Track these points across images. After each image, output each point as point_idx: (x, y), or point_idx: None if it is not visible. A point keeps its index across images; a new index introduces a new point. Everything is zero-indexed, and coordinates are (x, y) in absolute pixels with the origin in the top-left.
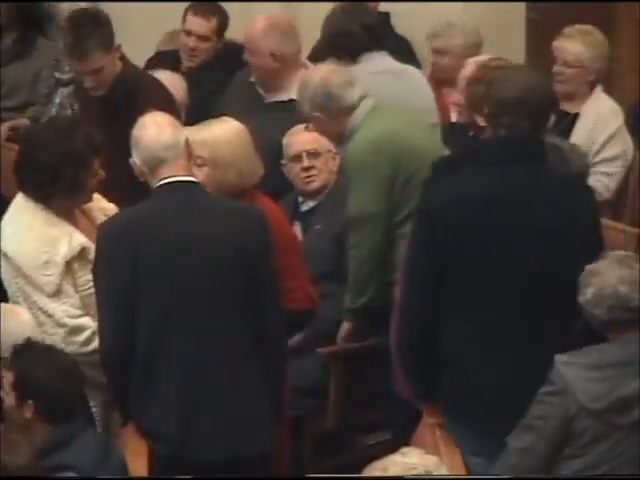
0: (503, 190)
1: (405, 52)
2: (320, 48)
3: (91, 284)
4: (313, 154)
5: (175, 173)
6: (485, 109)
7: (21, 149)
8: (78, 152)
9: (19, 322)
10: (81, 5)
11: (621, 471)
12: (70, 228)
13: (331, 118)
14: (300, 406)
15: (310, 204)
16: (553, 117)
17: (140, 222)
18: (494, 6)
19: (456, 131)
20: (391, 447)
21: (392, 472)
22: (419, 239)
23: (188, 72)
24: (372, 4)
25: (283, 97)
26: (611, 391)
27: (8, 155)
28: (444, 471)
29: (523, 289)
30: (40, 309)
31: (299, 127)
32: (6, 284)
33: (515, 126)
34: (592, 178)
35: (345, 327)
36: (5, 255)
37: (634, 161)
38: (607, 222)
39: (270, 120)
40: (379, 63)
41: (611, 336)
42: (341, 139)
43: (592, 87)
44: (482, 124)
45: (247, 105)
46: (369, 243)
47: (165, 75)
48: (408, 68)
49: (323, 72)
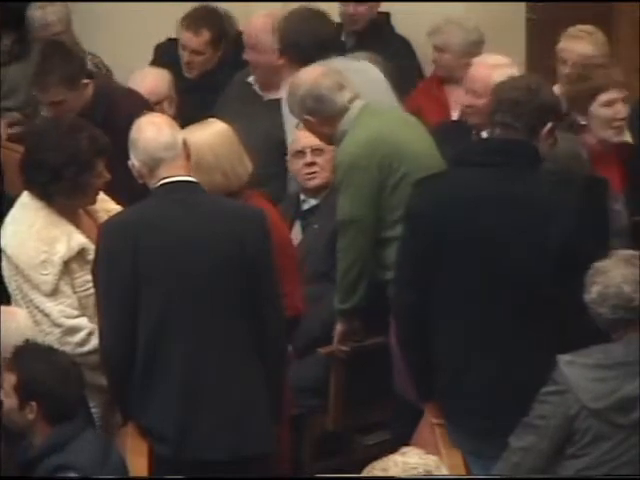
0: (488, 193)
1: (405, 52)
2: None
3: (89, 285)
4: (317, 150)
5: (174, 173)
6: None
7: (26, 148)
8: (81, 153)
9: (17, 323)
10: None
11: (622, 471)
12: (71, 228)
13: (321, 121)
14: (300, 406)
15: (312, 202)
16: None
17: (140, 222)
18: (494, 6)
19: (456, 130)
20: (391, 447)
21: (392, 472)
22: (407, 239)
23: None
24: (372, 4)
25: (280, 95)
26: (613, 391)
27: (11, 155)
28: (444, 471)
29: (507, 291)
30: (37, 308)
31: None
32: (6, 282)
33: (509, 126)
34: None
35: (338, 329)
36: (5, 253)
37: None
38: None
39: (269, 118)
40: (331, 64)
41: (615, 336)
42: (332, 141)
43: None
44: (583, 122)
45: (245, 104)
46: (355, 247)
47: (151, 71)
48: (364, 65)
49: (313, 75)
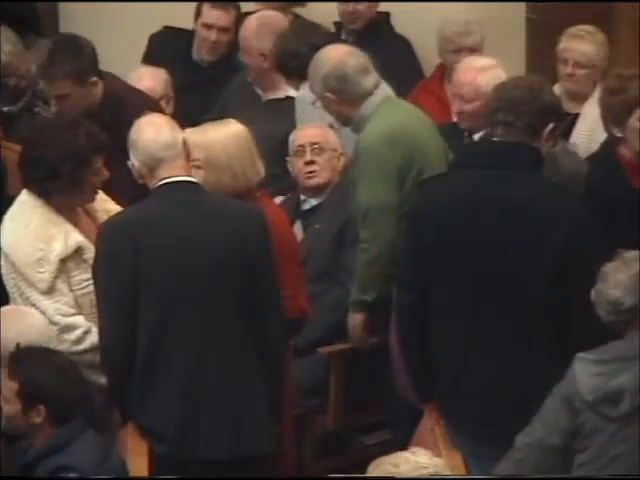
0: (487, 195)
1: (405, 52)
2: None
3: (86, 284)
4: (317, 149)
5: (174, 173)
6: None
7: (24, 145)
8: (79, 149)
9: (33, 322)
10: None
11: (615, 465)
12: (68, 227)
13: (342, 101)
14: (300, 406)
15: (312, 202)
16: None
17: (140, 222)
18: (494, 6)
19: (454, 132)
20: (391, 447)
21: (403, 469)
22: (408, 240)
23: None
24: (371, 4)
25: (280, 95)
26: (604, 384)
27: (10, 154)
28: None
29: (506, 292)
30: (33, 306)
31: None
32: (4, 280)
33: (510, 125)
34: None
35: (356, 321)
36: (2, 251)
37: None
38: None
39: (268, 118)
40: None
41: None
42: (348, 122)
43: (594, 87)
44: (619, 135)
45: (246, 104)
46: (383, 238)
47: (147, 70)
48: None
49: (339, 54)
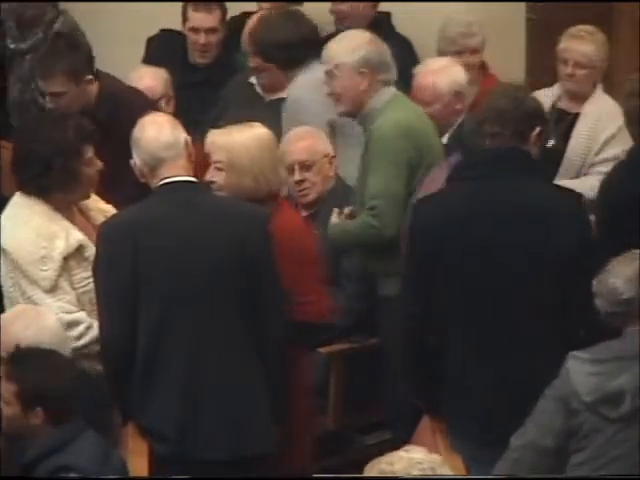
0: (486, 205)
1: (406, 52)
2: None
3: (87, 282)
4: (305, 166)
5: (175, 173)
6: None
7: (15, 144)
8: (69, 141)
9: (47, 323)
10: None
11: (615, 466)
12: (68, 224)
13: (372, 82)
14: None
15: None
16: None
17: (140, 221)
18: (494, 6)
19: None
20: (391, 447)
21: (398, 467)
22: (411, 255)
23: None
24: (370, 4)
25: (283, 95)
26: (603, 384)
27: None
28: (447, 470)
29: (505, 300)
30: (36, 304)
31: (294, 133)
32: (2, 280)
33: (497, 135)
34: (593, 178)
35: None
36: (3, 249)
37: None
38: None
39: (270, 119)
40: (317, 74)
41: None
42: (356, 111)
43: (594, 87)
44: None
45: (247, 105)
46: (391, 229)
47: (147, 70)
48: None
49: (373, 38)
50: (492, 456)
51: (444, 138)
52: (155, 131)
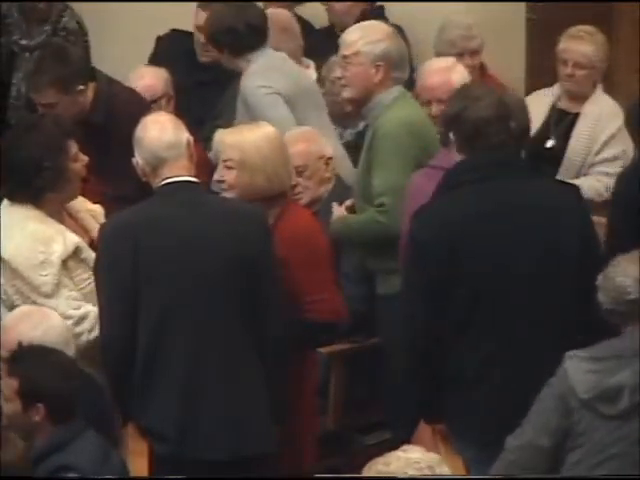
0: (499, 207)
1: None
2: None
3: (86, 282)
4: (298, 172)
5: (177, 173)
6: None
7: (2, 155)
8: (52, 138)
9: (53, 323)
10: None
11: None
12: (62, 227)
13: (386, 77)
14: None
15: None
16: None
17: (141, 222)
18: (494, 6)
19: None
20: (391, 447)
21: (395, 467)
22: (416, 267)
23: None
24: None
25: None
26: (601, 381)
27: None
28: (445, 469)
29: (521, 305)
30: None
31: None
32: (2, 290)
33: (502, 143)
34: (592, 178)
35: None
36: (2, 258)
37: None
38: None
39: None
40: (273, 57)
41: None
42: (363, 89)
43: (594, 87)
44: None
45: None
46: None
47: (148, 69)
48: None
49: (395, 34)
50: (493, 457)
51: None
52: (158, 131)
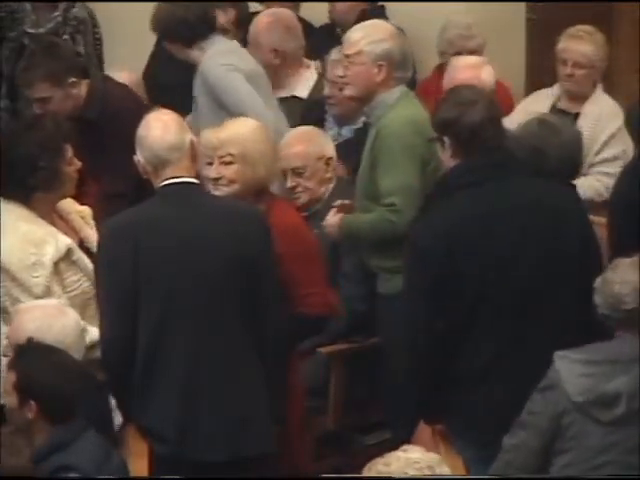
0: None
1: None
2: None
3: (77, 284)
4: (297, 173)
5: (178, 174)
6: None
7: None
8: (51, 139)
9: (69, 321)
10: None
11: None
12: (53, 229)
13: (388, 77)
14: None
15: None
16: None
17: (142, 222)
18: (494, 6)
19: None
20: (391, 447)
21: (395, 467)
22: (417, 270)
23: None
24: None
25: (284, 94)
26: (596, 386)
27: None
28: (445, 469)
29: (521, 306)
30: None
31: (289, 136)
32: None
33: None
34: (592, 178)
35: None
36: None
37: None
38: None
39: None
40: (227, 43)
41: (613, 332)
42: (365, 89)
43: (594, 87)
44: None
45: None
46: (410, 220)
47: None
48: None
49: (398, 34)
50: (493, 457)
51: None
52: (161, 130)
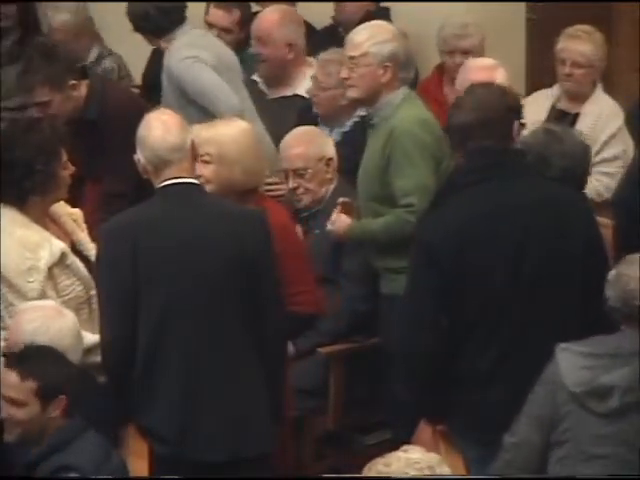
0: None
1: None
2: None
3: (71, 289)
4: (299, 174)
5: (178, 175)
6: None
7: None
8: (48, 142)
9: (68, 324)
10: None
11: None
12: (47, 234)
13: (393, 77)
14: (300, 406)
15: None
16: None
17: (140, 223)
18: (494, 6)
19: None
20: (391, 447)
21: (395, 467)
22: (423, 270)
23: None
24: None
25: (287, 92)
26: (594, 378)
27: None
28: (446, 469)
29: (525, 305)
30: None
31: (290, 137)
32: None
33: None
34: (592, 178)
35: None
36: None
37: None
38: (606, 221)
39: (273, 116)
40: (193, 34)
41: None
42: (370, 90)
43: (593, 87)
44: None
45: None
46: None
47: None
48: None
49: (401, 35)
50: (494, 456)
51: None
52: (162, 131)
